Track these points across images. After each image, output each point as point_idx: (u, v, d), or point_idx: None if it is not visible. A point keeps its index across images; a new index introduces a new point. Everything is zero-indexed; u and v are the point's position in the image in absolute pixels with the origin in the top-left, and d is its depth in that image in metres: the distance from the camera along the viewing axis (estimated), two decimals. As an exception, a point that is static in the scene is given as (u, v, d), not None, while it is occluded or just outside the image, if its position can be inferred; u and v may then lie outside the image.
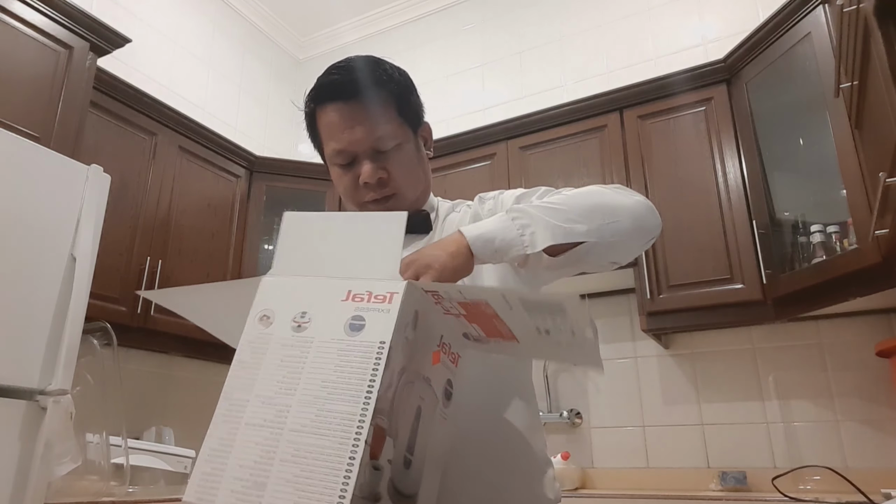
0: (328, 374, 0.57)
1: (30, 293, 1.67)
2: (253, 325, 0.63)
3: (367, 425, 0.52)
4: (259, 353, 0.61)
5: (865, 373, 2.24)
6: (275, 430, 0.56)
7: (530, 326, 0.60)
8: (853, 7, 1.43)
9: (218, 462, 0.57)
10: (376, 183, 0.89)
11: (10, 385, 1.59)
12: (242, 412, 0.59)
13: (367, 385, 0.54)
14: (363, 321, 0.58)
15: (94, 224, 1.86)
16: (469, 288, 0.59)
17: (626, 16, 3.14)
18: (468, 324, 0.63)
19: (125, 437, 2.09)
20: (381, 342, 0.56)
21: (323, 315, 0.60)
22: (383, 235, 0.64)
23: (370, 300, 0.59)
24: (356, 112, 0.88)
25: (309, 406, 0.56)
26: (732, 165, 2.38)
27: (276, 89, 3.95)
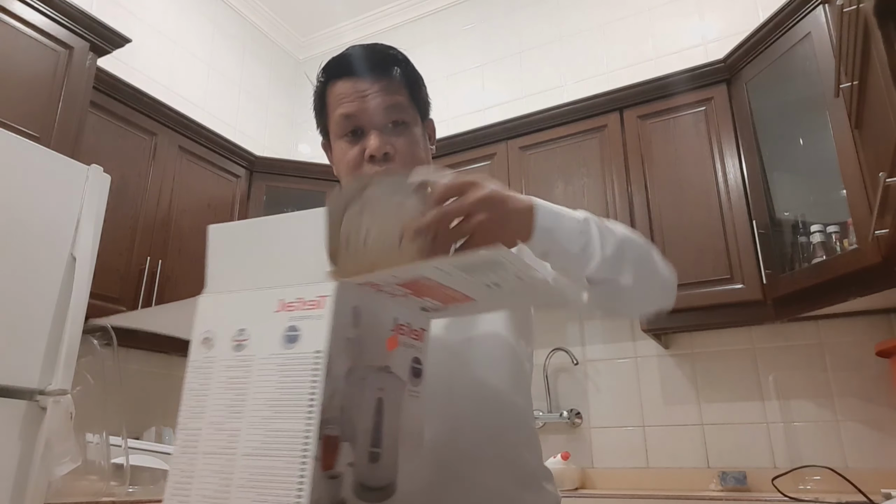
0: (272, 393, 0.55)
1: (30, 293, 1.67)
2: (197, 349, 0.62)
3: (312, 441, 0.51)
4: (205, 378, 0.60)
5: (865, 373, 2.24)
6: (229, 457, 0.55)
7: (478, 284, 0.59)
8: (853, 7, 1.43)
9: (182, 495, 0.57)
10: (382, 157, 0.87)
11: (10, 385, 1.59)
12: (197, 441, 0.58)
13: (309, 399, 0.53)
14: (298, 331, 0.56)
15: (94, 224, 1.87)
16: (401, 269, 0.57)
17: (626, 16, 3.14)
18: (419, 298, 0.62)
19: (125, 437, 2.09)
20: (317, 351, 0.54)
21: (260, 330, 0.58)
22: (306, 235, 0.61)
23: (302, 307, 0.56)
24: (372, 84, 0.88)
25: (257, 428, 0.55)
26: (732, 165, 2.38)
27: (276, 89, 3.95)
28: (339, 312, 0.55)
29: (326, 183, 3.14)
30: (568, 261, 0.73)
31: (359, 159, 0.89)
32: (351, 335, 0.56)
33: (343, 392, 0.54)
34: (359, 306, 0.58)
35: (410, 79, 0.92)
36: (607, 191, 2.58)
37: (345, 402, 0.55)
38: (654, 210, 2.48)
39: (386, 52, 0.92)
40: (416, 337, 0.65)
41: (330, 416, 0.53)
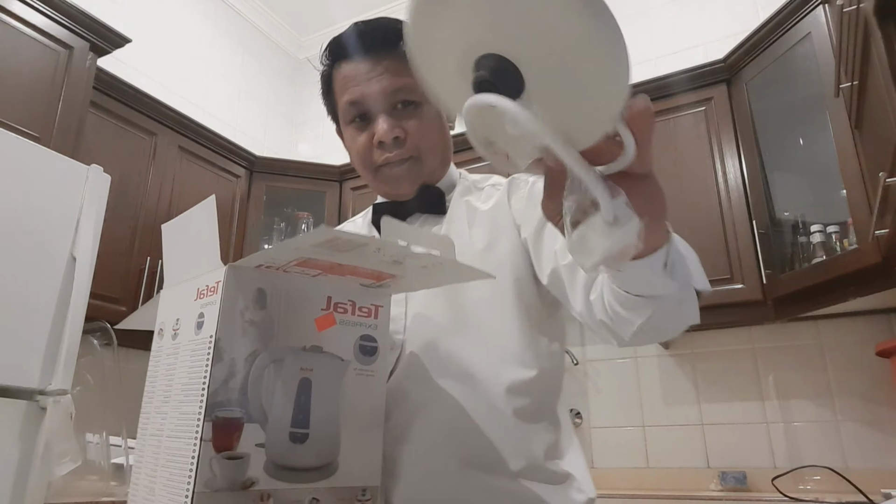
0: (184, 377, 0.58)
1: (30, 293, 1.67)
2: (154, 340, 0.67)
3: (201, 422, 0.53)
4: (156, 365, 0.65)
5: (865, 373, 2.24)
6: (160, 439, 0.59)
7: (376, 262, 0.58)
8: (853, 7, 1.43)
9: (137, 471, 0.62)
10: (392, 142, 0.82)
11: (10, 385, 1.59)
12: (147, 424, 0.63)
13: (202, 382, 0.55)
14: (203, 318, 0.58)
15: (94, 224, 1.87)
16: (267, 253, 0.57)
17: (626, 16, 3.14)
18: (343, 276, 0.62)
19: (125, 437, 2.09)
20: (210, 336, 0.56)
21: (186, 318, 0.61)
22: (201, 225, 0.63)
23: (208, 294, 0.58)
24: (375, 65, 0.83)
25: (175, 411, 0.58)
26: (732, 165, 2.38)
27: (276, 89, 3.95)
28: (233, 296, 0.56)
29: (326, 183, 3.15)
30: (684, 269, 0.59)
31: (368, 146, 0.85)
32: (255, 317, 0.57)
33: (245, 374, 0.56)
34: (265, 288, 0.58)
35: None
36: (607, 191, 2.58)
37: (251, 384, 0.56)
38: (654, 210, 2.47)
39: (390, 26, 0.85)
40: (365, 314, 0.65)
41: (226, 398, 0.55)
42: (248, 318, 0.57)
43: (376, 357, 0.65)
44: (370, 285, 0.65)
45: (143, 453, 0.62)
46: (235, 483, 0.54)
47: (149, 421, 0.63)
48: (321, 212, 3.19)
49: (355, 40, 0.85)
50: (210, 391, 0.54)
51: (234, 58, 3.68)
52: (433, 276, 0.64)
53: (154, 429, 0.61)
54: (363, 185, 3.16)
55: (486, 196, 0.91)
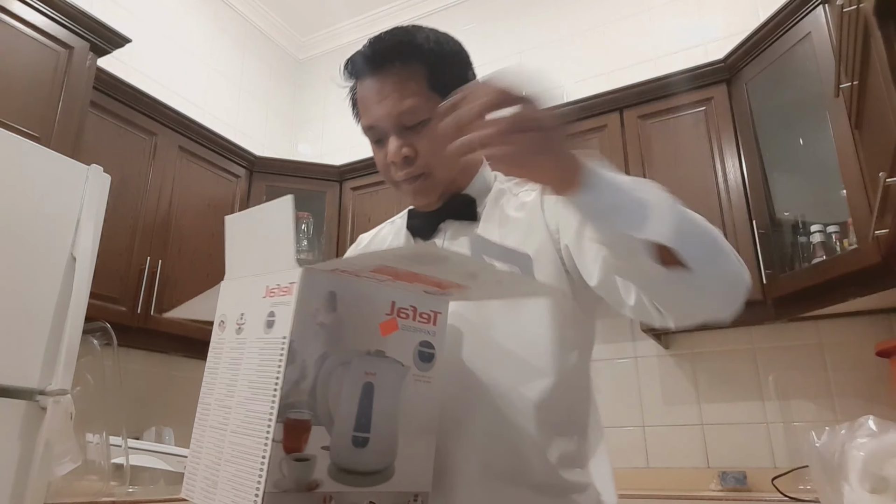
0: (252, 375, 0.58)
1: (30, 293, 1.67)
2: (215, 331, 0.67)
3: (272, 424, 0.53)
4: (217, 358, 0.65)
5: (865, 373, 2.24)
6: (223, 433, 0.59)
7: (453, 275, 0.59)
8: (853, 7, 1.43)
9: (195, 462, 0.62)
10: (402, 161, 0.85)
11: (10, 385, 1.59)
12: (207, 416, 0.63)
13: (274, 383, 0.55)
14: (274, 317, 0.58)
15: (94, 224, 1.87)
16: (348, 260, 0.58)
17: (626, 16, 3.14)
18: (410, 284, 0.62)
19: (125, 437, 2.09)
20: (283, 337, 0.56)
21: (253, 315, 0.61)
22: (275, 222, 0.63)
23: (279, 293, 0.59)
24: (384, 85, 0.85)
25: (240, 407, 0.58)
26: (732, 165, 2.37)
27: (276, 89, 3.95)
28: (307, 299, 0.56)
29: (326, 183, 3.15)
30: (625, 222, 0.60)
31: (385, 164, 0.88)
32: (326, 320, 0.58)
33: (315, 376, 0.56)
34: (336, 292, 0.58)
35: (429, 64, 0.85)
36: (607, 191, 2.58)
37: (318, 387, 0.56)
38: (654, 210, 2.47)
39: (398, 40, 0.86)
40: (425, 320, 0.65)
41: (297, 400, 0.55)
42: (320, 321, 0.57)
43: (433, 364, 0.66)
44: (433, 292, 0.65)
45: (203, 444, 0.62)
46: (302, 484, 0.55)
47: (209, 412, 0.63)
48: (321, 212, 3.19)
49: (367, 59, 0.86)
50: (282, 392, 0.54)
51: (234, 58, 3.68)
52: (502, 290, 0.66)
53: (216, 421, 0.61)
54: (363, 185, 3.16)
55: (519, 202, 0.91)
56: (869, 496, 1.22)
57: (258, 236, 0.67)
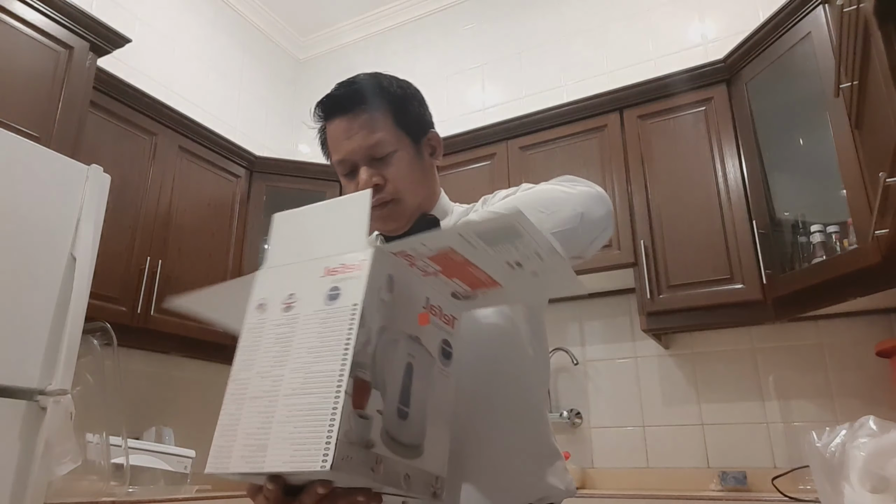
0: (313, 342, 0.62)
1: (30, 293, 1.67)
2: (251, 314, 0.70)
3: (346, 378, 0.57)
4: (257, 336, 0.68)
5: (865, 373, 2.25)
6: (272, 398, 0.62)
7: (501, 263, 0.64)
8: (853, 7, 1.43)
9: (229, 435, 0.63)
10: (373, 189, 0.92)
11: (10, 385, 1.59)
12: (246, 388, 0.65)
13: (345, 344, 0.59)
14: (339, 290, 0.63)
15: (94, 224, 1.87)
16: (429, 236, 0.63)
17: (627, 16, 3.14)
18: (449, 280, 0.69)
19: (125, 437, 2.09)
20: (354, 304, 0.61)
21: (307, 293, 0.66)
22: (352, 213, 0.69)
23: (344, 271, 0.64)
24: (352, 124, 0.94)
25: (298, 372, 0.61)
26: (732, 165, 2.38)
27: (276, 89, 3.95)
28: (375, 275, 0.63)
29: (326, 183, 3.14)
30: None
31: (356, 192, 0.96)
32: (385, 298, 0.64)
33: (375, 344, 0.61)
34: (393, 275, 0.65)
35: (394, 104, 0.96)
36: (607, 191, 2.57)
37: (377, 354, 0.61)
38: (654, 210, 2.48)
39: (365, 83, 0.96)
40: (446, 322, 0.73)
41: (363, 360, 0.59)
42: (382, 297, 0.63)
43: (451, 362, 0.72)
44: (460, 295, 0.72)
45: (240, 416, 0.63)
46: (363, 440, 0.58)
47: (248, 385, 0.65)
48: (321, 212, 3.19)
49: (335, 101, 0.96)
50: (354, 351, 0.58)
51: (234, 58, 3.68)
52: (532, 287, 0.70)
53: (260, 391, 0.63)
54: (363, 185, 3.16)
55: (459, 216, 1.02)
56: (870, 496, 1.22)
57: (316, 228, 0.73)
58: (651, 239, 2.44)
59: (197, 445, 2.55)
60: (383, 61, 3.78)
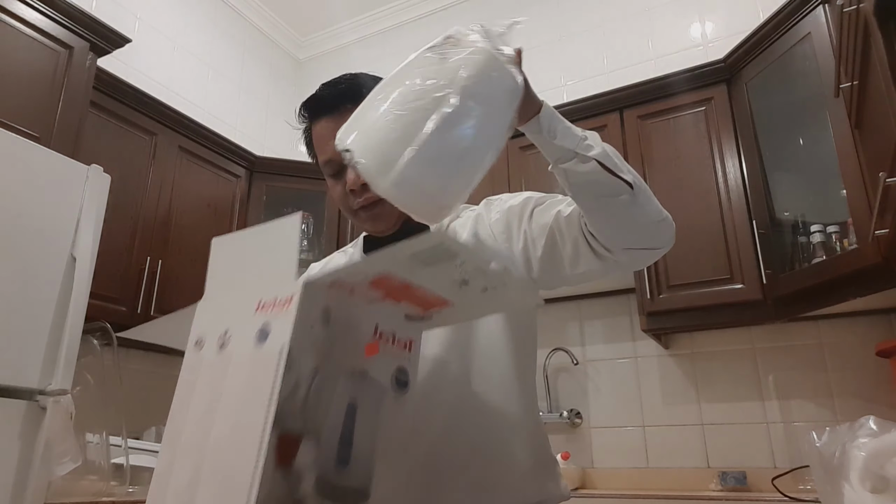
0: (242, 388, 0.57)
1: (30, 293, 1.67)
2: (190, 351, 0.66)
3: (267, 432, 0.52)
4: (193, 376, 0.63)
5: (865, 373, 2.24)
6: (201, 451, 0.57)
7: (446, 282, 0.61)
8: (853, 7, 1.43)
9: (161, 485, 0.60)
10: (360, 188, 0.91)
11: (10, 385, 1.59)
12: (180, 435, 0.61)
13: (269, 392, 0.54)
14: (268, 329, 0.58)
15: (94, 224, 1.87)
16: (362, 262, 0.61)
17: (626, 16, 3.14)
18: (398, 303, 0.64)
19: (125, 437, 2.09)
20: (281, 346, 0.55)
21: (240, 330, 0.61)
22: (281, 240, 0.65)
23: (274, 307, 0.58)
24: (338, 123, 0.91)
25: (227, 422, 0.57)
26: (732, 165, 2.38)
27: (276, 89, 3.95)
28: (305, 310, 0.56)
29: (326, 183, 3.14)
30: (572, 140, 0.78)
31: (343, 194, 0.96)
32: (319, 335, 0.58)
33: (307, 388, 0.56)
34: (329, 307, 0.59)
35: None
36: (607, 191, 2.58)
37: (309, 399, 0.56)
38: (654, 210, 2.47)
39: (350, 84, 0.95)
40: (403, 346, 0.66)
41: (290, 409, 0.54)
42: (315, 335, 0.57)
43: (407, 390, 0.67)
44: (414, 317, 0.67)
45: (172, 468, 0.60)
46: (288, 499, 0.54)
47: (182, 432, 0.61)
48: (321, 212, 3.19)
49: (321, 102, 0.96)
50: (279, 401, 0.53)
51: (234, 58, 3.68)
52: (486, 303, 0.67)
53: (191, 442, 0.59)
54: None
55: (464, 220, 1.01)
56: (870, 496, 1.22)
57: (251, 255, 0.68)
58: (651, 239, 2.44)
59: (197, 445, 2.55)
60: (383, 61, 3.78)
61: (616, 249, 0.81)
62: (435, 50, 0.70)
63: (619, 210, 0.78)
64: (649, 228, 0.82)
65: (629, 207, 0.78)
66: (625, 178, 0.77)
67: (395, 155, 0.65)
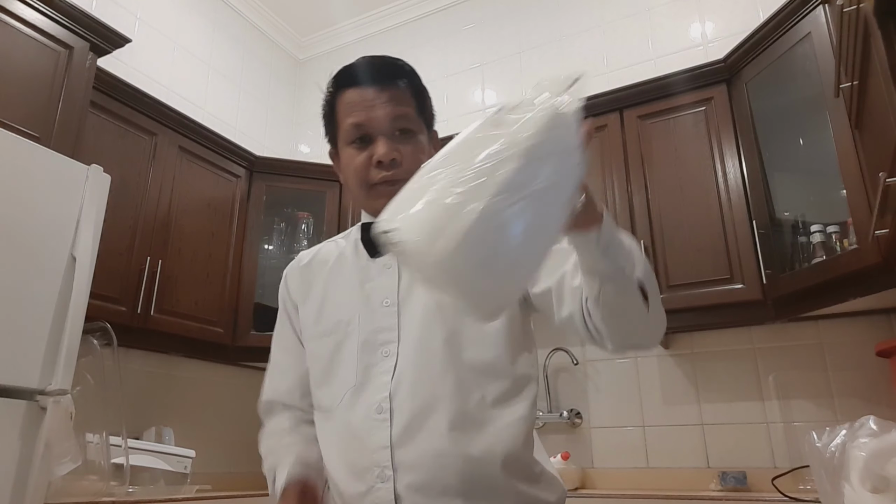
0: None
1: (30, 293, 1.67)
2: None
3: None
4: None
5: (865, 373, 2.24)
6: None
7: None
8: (853, 7, 1.43)
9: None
10: (389, 163, 0.91)
11: (10, 385, 1.59)
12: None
13: None
14: None
15: (94, 224, 1.87)
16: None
17: (626, 16, 3.14)
18: None
19: (125, 437, 2.09)
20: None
21: None
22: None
23: None
24: (381, 94, 0.93)
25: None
26: (732, 165, 2.38)
27: (276, 89, 3.95)
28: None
29: (326, 183, 3.14)
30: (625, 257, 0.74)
31: (366, 164, 0.93)
32: None
33: None
34: None
35: (417, 91, 0.98)
36: (607, 191, 2.58)
37: None
38: (654, 210, 2.48)
39: (395, 63, 0.98)
40: None
41: None
42: None
43: None
44: None
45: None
46: None
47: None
48: (321, 212, 3.19)
49: (364, 70, 0.96)
50: None
51: (234, 58, 3.68)
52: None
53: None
54: (363, 185, 3.15)
55: None
56: (870, 496, 1.22)
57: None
58: (651, 239, 2.44)
59: (197, 445, 2.55)
60: (383, 61, 3.78)
61: (609, 341, 0.80)
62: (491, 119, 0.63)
63: (632, 317, 0.77)
64: (649, 333, 0.82)
65: (641, 316, 0.77)
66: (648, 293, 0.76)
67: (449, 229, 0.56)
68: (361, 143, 0.94)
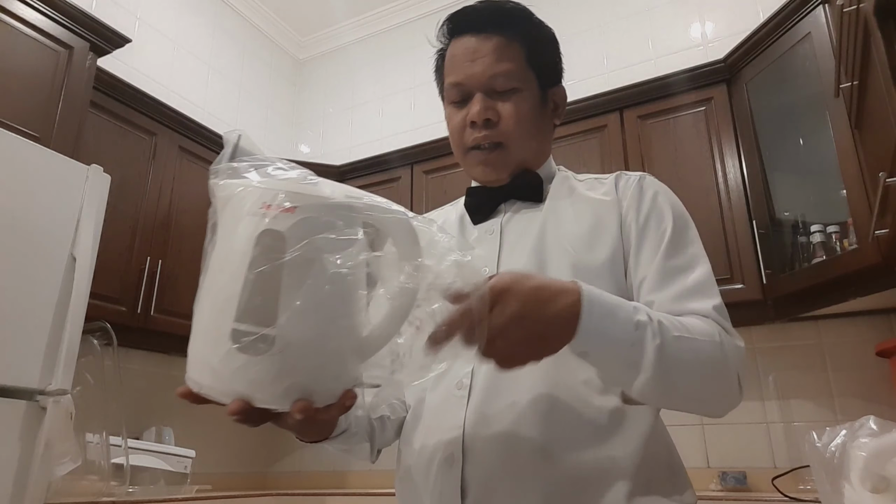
0: None
1: (30, 293, 1.67)
2: None
3: None
4: None
5: (865, 373, 2.24)
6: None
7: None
8: (853, 7, 1.43)
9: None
10: (483, 123, 0.84)
11: (10, 385, 1.59)
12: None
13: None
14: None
15: (94, 224, 1.87)
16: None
17: (626, 16, 3.14)
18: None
19: (125, 437, 2.10)
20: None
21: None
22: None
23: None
24: (482, 45, 0.84)
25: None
26: (732, 165, 2.37)
27: (276, 89, 3.94)
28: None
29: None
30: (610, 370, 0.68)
31: (462, 125, 0.86)
32: None
33: None
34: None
35: (531, 39, 0.86)
36: (607, 191, 2.57)
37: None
38: (654, 210, 2.47)
39: (502, 8, 0.87)
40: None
41: None
42: None
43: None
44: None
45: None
46: None
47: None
48: (321, 212, 3.19)
49: (469, 17, 0.87)
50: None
51: (234, 58, 3.68)
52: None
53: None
54: (364, 186, 3.15)
55: (588, 186, 0.91)
56: (870, 496, 1.22)
57: None
58: (651, 239, 2.44)
59: (197, 445, 2.55)
60: (383, 61, 3.79)
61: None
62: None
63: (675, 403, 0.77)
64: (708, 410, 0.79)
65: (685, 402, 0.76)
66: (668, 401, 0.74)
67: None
68: (461, 103, 0.87)
